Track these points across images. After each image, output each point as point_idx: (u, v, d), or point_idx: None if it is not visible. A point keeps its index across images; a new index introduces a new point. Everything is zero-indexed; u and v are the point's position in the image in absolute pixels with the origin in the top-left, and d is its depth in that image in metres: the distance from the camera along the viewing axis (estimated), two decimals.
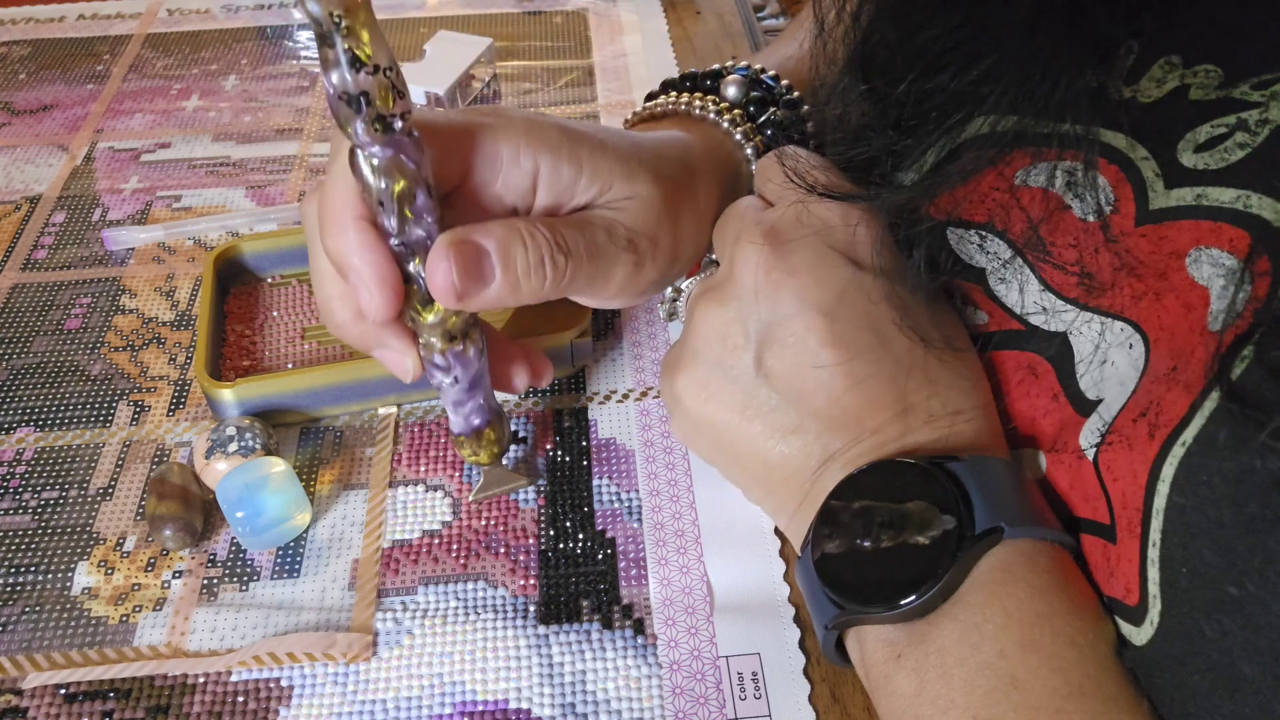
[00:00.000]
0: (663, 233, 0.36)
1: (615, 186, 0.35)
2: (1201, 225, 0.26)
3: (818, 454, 0.33)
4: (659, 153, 0.37)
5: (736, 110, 0.42)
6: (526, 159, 0.33)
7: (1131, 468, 0.27)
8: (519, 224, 0.33)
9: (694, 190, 0.38)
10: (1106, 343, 0.29)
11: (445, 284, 0.31)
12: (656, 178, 0.36)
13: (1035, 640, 0.27)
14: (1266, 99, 0.26)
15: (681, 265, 0.38)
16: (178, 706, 0.34)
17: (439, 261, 0.31)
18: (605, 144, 0.35)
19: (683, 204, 0.37)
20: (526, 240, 0.32)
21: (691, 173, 0.38)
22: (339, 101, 0.28)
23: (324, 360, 0.45)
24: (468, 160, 0.33)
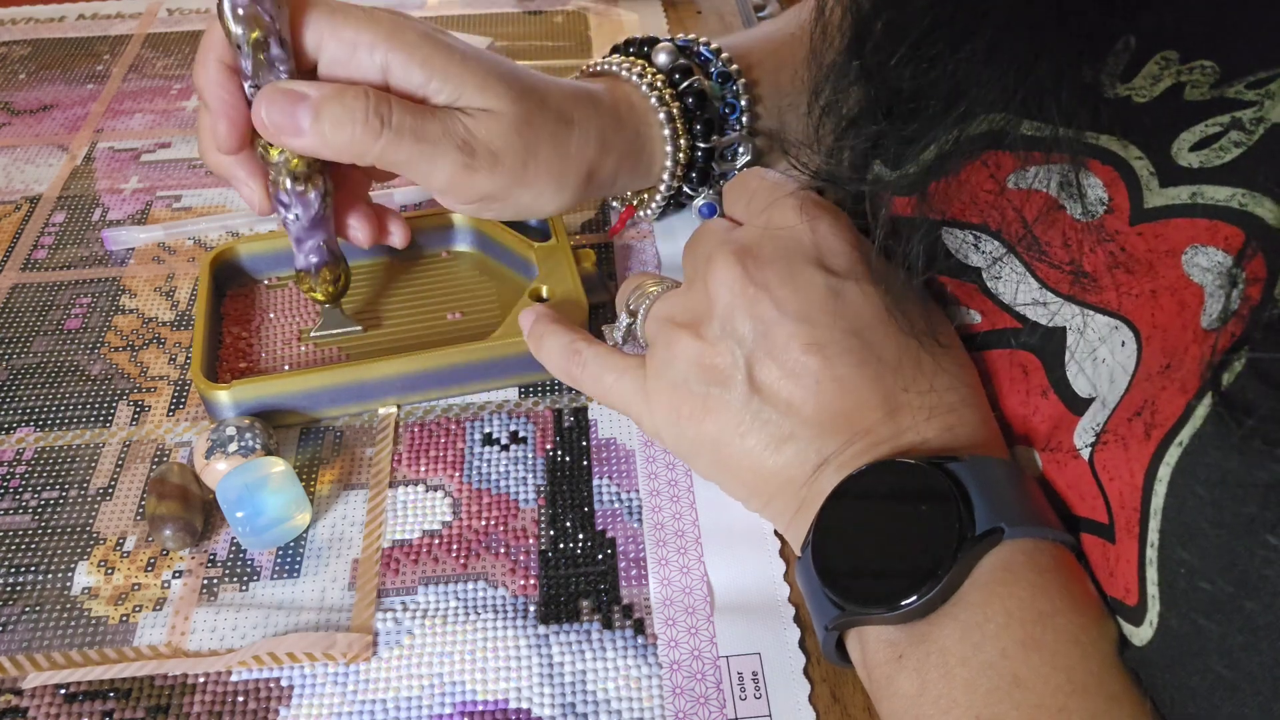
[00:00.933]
0: (509, 152, 0.39)
1: (466, 95, 0.38)
2: (1197, 224, 0.26)
3: (812, 459, 0.33)
4: (536, 83, 0.40)
5: (660, 75, 0.44)
6: (378, 53, 0.37)
7: (1128, 467, 0.27)
8: (348, 86, 0.37)
9: (566, 128, 0.41)
10: (1098, 338, 0.29)
11: (260, 121, 0.37)
12: (515, 98, 0.39)
13: (1037, 639, 0.27)
14: (1262, 98, 0.26)
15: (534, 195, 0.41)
16: (178, 706, 0.34)
17: (260, 100, 0.36)
18: (467, 56, 0.38)
19: (543, 135, 0.40)
20: (347, 99, 0.36)
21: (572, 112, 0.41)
22: None
23: (320, 362, 0.45)
24: (322, 37, 0.37)
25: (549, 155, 0.40)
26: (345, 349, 0.46)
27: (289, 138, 0.37)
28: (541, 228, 0.48)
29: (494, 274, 0.49)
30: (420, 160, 0.38)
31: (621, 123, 0.43)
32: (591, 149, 0.42)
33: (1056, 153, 0.29)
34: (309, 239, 0.41)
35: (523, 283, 0.47)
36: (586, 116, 0.41)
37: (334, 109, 0.36)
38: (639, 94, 0.43)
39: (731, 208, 0.38)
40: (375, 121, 0.36)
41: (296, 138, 0.37)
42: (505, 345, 0.43)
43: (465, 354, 0.43)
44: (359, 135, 0.37)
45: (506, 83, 0.39)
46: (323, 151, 0.37)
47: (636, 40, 0.46)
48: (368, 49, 0.37)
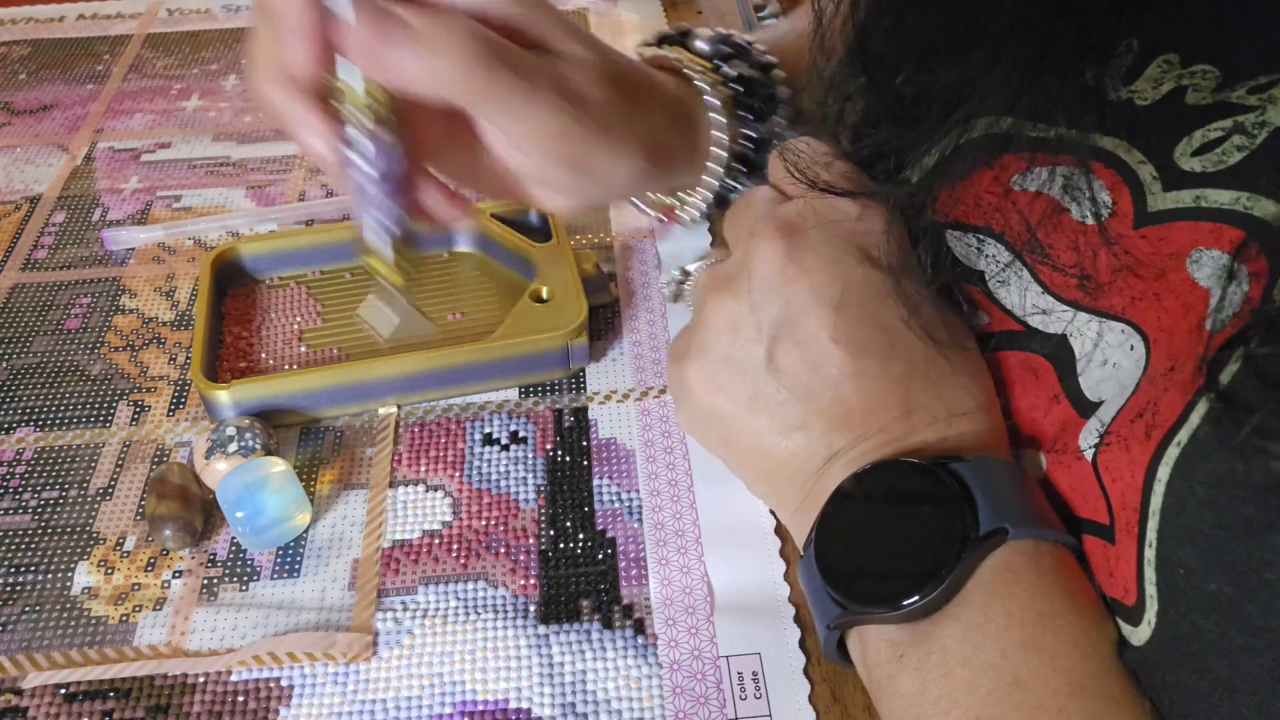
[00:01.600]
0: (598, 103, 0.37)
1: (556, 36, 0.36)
2: (1201, 227, 0.26)
3: (822, 451, 0.33)
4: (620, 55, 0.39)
5: (703, 62, 0.43)
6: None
7: (1129, 468, 0.27)
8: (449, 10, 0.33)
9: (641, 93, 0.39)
10: (1106, 344, 0.29)
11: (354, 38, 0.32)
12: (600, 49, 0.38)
13: (1038, 640, 0.27)
14: (1263, 102, 0.26)
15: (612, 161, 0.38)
16: (178, 706, 0.34)
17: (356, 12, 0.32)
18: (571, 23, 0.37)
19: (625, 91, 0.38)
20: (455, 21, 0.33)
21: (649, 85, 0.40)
22: None
23: (320, 362, 0.45)
24: None
25: (630, 115, 0.38)
26: (345, 349, 0.46)
27: (388, 63, 0.32)
28: (542, 227, 0.48)
29: (494, 274, 0.49)
30: (517, 99, 0.34)
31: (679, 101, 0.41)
32: (662, 117, 0.40)
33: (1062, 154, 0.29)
34: (387, 199, 0.35)
35: (523, 283, 0.47)
36: (655, 85, 0.40)
37: (440, 34, 0.32)
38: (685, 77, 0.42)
39: (779, 178, 0.37)
40: (484, 50, 0.33)
41: (397, 63, 0.32)
42: (505, 345, 0.43)
43: (465, 354, 0.43)
44: (468, 64, 0.33)
45: (600, 47, 0.37)
46: (421, 83, 0.33)
47: (667, 34, 0.45)
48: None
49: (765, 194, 0.36)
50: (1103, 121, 0.29)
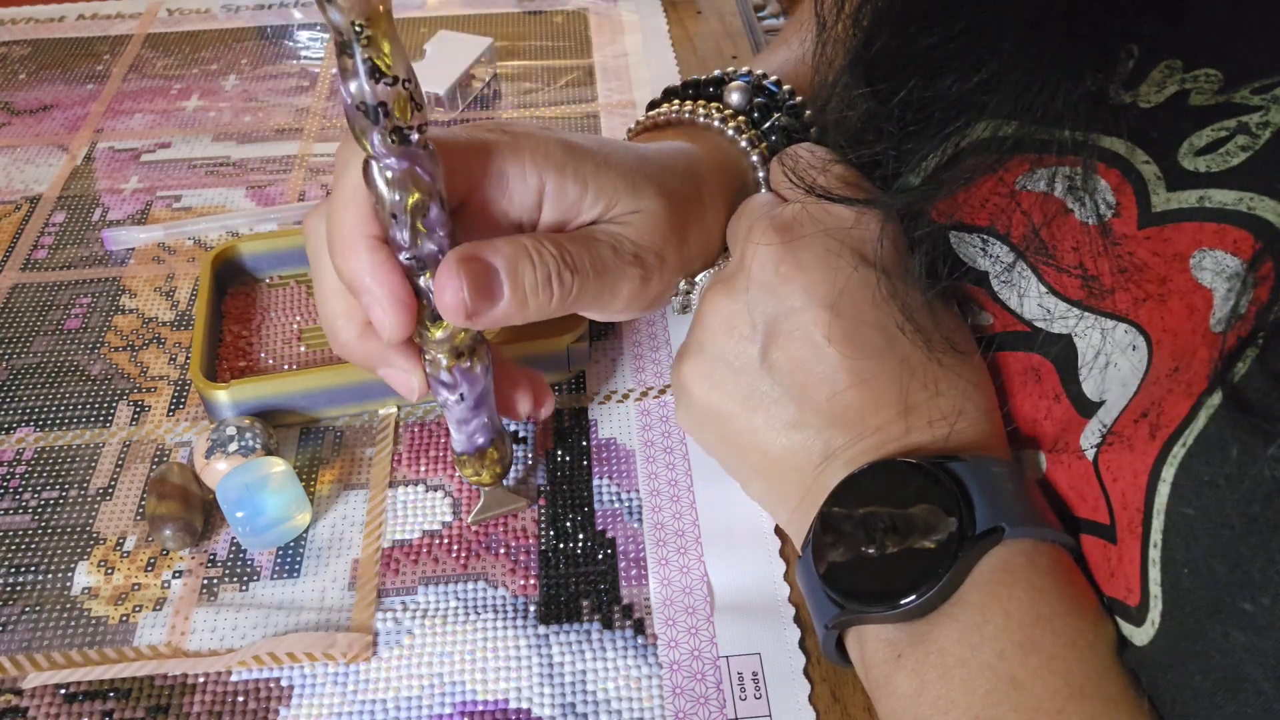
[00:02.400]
0: (669, 247, 0.36)
1: (621, 202, 0.35)
2: (1205, 227, 0.26)
3: (819, 450, 0.33)
4: (665, 165, 0.37)
5: (741, 117, 0.42)
6: (532, 176, 0.33)
7: (1132, 468, 0.27)
8: (526, 241, 0.33)
9: (700, 203, 0.38)
10: (1110, 345, 0.29)
11: (455, 302, 0.31)
12: (662, 191, 0.36)
13: (1036, 641, 0.27)
14: (1267, 102, 0.26)
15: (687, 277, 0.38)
16: (178, 706, 0.34)
17: (449, 279, 0.31)
18: (610, 159, 0.35)
19: (690, 217, 0.37)
20: (534, 258, 0.32)
21: (699, 185, 0.38)
22: (356, 112, 0.28)
23: (320, 362, 0.45)
24: (475, 178, 0.33)
25: (698, 234, 0.38)
26: None
27: (483, 314, 0.32)
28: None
29: None
30: (604, 292, 0.35)
31: (727, 176, 0.41)
32: (724, 211, 0.39)
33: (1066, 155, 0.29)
34: (474, 419, 0.36)
35: None
36: (707, 181, 0.39)
37: (529, 271, 0.32)
38: (727, 140, 0.41)
39: (779, 182, 0.37)
40: (568, 274, 0.33)
41: (491, 311, 0.32)
42: (506, 348, 0.43)
43: None
44: (556, 292, 0.33)
45: (647, 177, 0.36)
46: (514, 320, 0.33)
47: (697, 82, 0.44)
48: (520, 176, 0.33)
49: (764, 198, 0.37)
50: (1106, 123, 0.29)
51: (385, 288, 0.31)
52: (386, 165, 0.29)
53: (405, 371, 0.34)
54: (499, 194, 0.33)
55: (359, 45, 0.27)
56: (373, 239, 0.31)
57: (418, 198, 0.30)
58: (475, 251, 0.32)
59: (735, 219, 0.37)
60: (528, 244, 0.33)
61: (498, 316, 0.32)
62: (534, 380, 0.39)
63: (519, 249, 0.32)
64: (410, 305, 0.32)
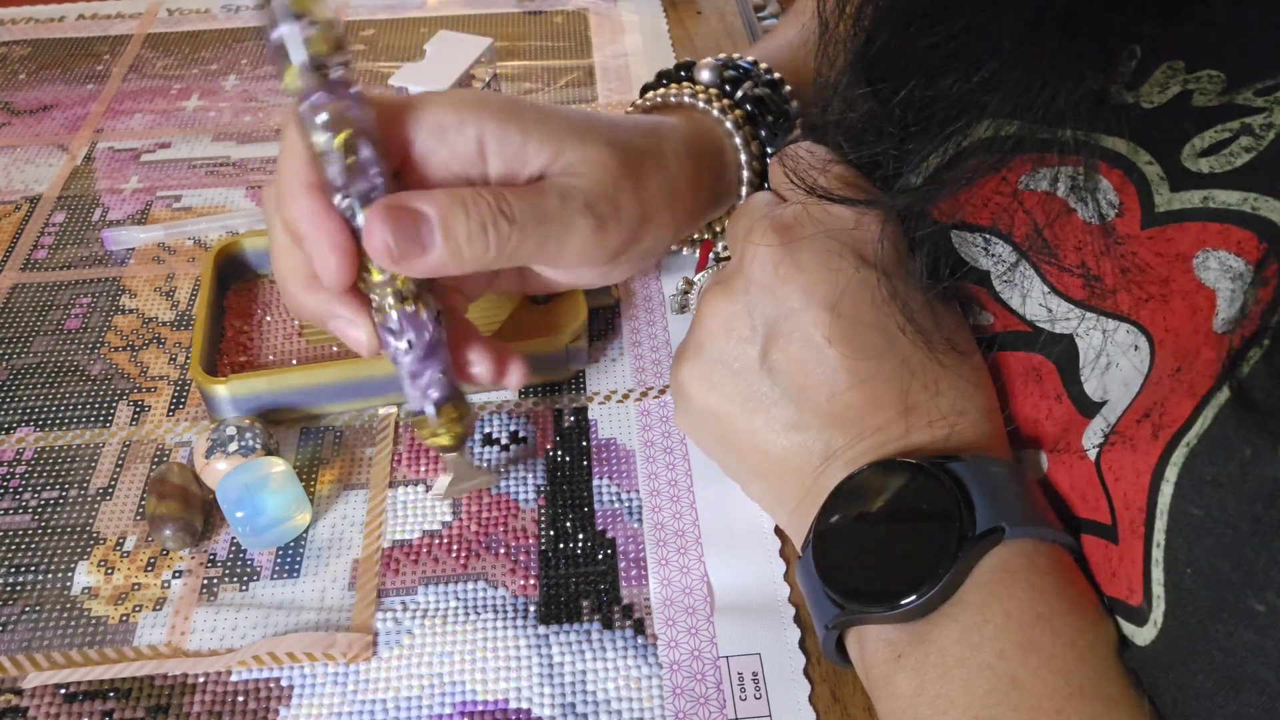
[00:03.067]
0: (624, 195, 0.36)
1: (567, 151, 0.35)
2: (1208, 227, 0.26)
3: (819, 450, 0.33)
4: (616, 123, 0.38)
5: (711, 90, 0.42)
6: (470, 126, 0.34)
7: (1134, 468, 0.27)
8: (463, 191, 0.33)
9: (661, 156, 0.38)
10: (1112, 345, 0.29)
11: (380, 246, 0.32)
12: (611, 141, 0.36)
13: (1035, 641, 0.27)
14: (1271, 104, 0.26)
15: (656, 232, 0.38)
16: (178, 706, 0.34)
17: (374, 225, 0.32)
18: (553, 112, 0.36)
19: (646, 168, 0.37)
20: (469, 206, 0.33)
21: (659, 141, 0.38)
22: (278, 53, 0.30)
23: (320, 358, 0.45)
24: (408, 132, 0.33)
25: (659, 183, 0.37)
26: (344, 346, 0.46)
27: (413, 260, 0.32)
28: None
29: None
30: (550, 241, 0.35)
31: (700, 140, 0.41)
32: (688, 165, 0.39)
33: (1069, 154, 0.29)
34: (425, 370, 0.35)
35: None
36: (669, 138, 0.39)
37: (460, 219, 0.32)
38: (699, 110, 0.42)
39: (778, 182, 0.37)
40: (503, 222, 0.33)
41: (422, 259, 0.32)
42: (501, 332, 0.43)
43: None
44: (491, 241, 0.33)
45: (596, 128, 0.36)
46: (448, 268, 0.33)
47: (668, 71, 0.45)
48: (458, 127, 0.33)
49: (764, 198, 0.37)
50: (1109, 123, 0.29)
51: (322, 231, 0.32)
52: (313, 104, 0.31)
53: (351, 324, 0.34)
54: (437, 145, 0.34)
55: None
56: (311, 186, 0.32)
57: (347, 134, 0.31)
58: (406, 200, 0.32)
59: (734, 220, 0.37)
60: (464, 193, 0.33)
61: (431, 264, 0.33)
62: (496, 346, 0.38)
63: (453, 198, 0.33)
64: (349, 250, 0.32)
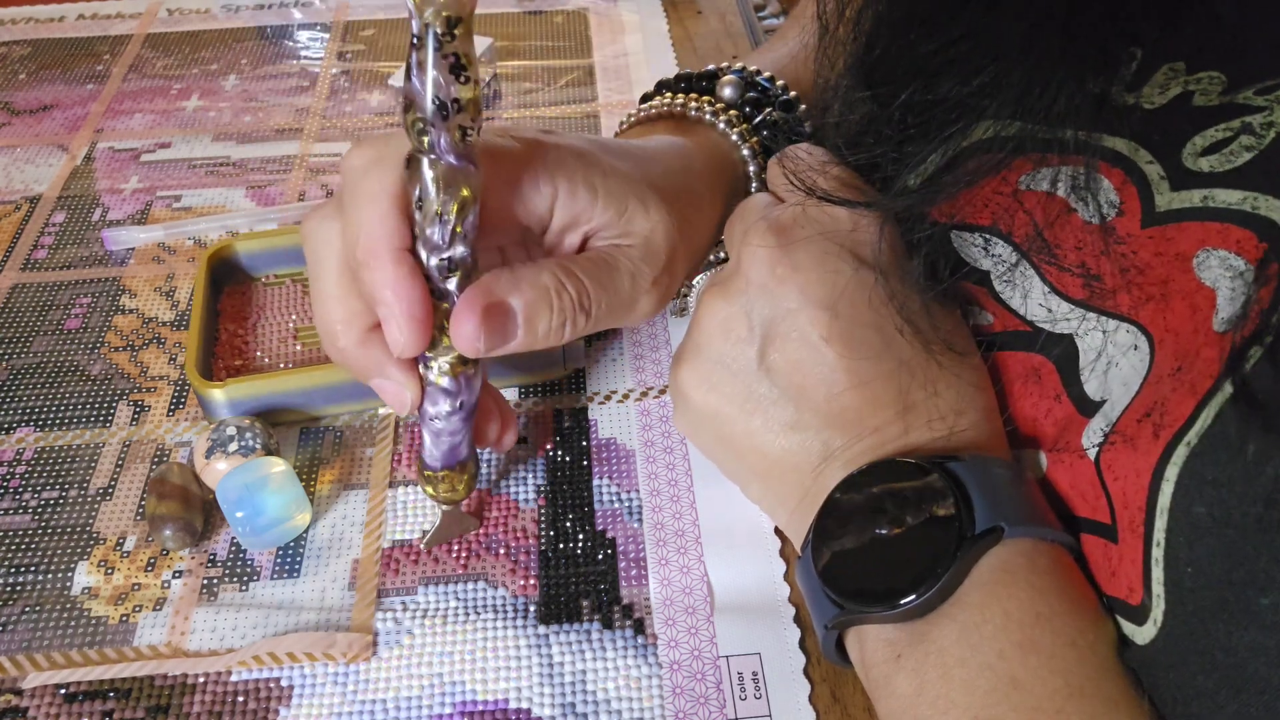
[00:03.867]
0: (679, 257, 0.37)
1: (630, 209, 0.35)
2: (1209, 227, 0.26)
3: (818, 451, 0.33)
4: (665, 168, 0.38)
5: (732, 111, 0.42)
6: (546, 185, 0.34)
7: (1134, 467, 0.27)
8: (549, 282, 0.33)
9: (699, 199, 0.38)
10: (1112, 345, 0.29)
11: (468, 340, 0.31)
12: (665, 198, 0.36)
13: (1035, 641, 0.27)
14: (1271, 103, 0.26)
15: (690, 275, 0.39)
16: (178, 706, 0.34)
17: (465, 317, 0.31)
18: (616, 168, 0.35)
19: (691, 219, 0.38)
20: (554, 303, 0.33)
21: (694, 180, 0.39)
22: (432, 106, 0.28)
23: (316, 360, 0.45)
24: (491, 185, 0.33)
25: (699, 234, 0.38)
26: None
27: (492, 351, 0.32)
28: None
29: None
30: (620, 318, 0.36)
31: (719, 170, 0.41)
32: (717, 206, 0.40)
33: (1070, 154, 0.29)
34: (462, 431, 0.35)
35: None
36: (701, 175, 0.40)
37: (544, 316, 0.33)
38: (718, 134, 0.42)
39: (775, 184, 0.38)
40: (581, 316, 0.34)
41: (501, 348, 0.32)
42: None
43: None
44: (567, 332, 0.34)
45: (650, 184, 0.36)
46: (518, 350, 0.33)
47: (689, 75, 0.45)
48: (534, 185, 0.33)
49: (761, 199, 0.37)
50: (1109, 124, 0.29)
51: (407, 303, 0.31)
52: (446, 162, 0.29)
53: (401, 384, 0.33)
54: (513, 201, 0.33)
55: (446, 40, 0.27)
56: (399, 251, 0.31)
57: (466, 195, 0.30)
58: (497, 293, 0.32)
59: (732, 222, 0.37)
60: (550, 286, 0.33)
61: (506, 350, 0.33)
62: (500, 404, 0.38)
63: (540, 294, 0.32)
64: (427, 323, 0.31)
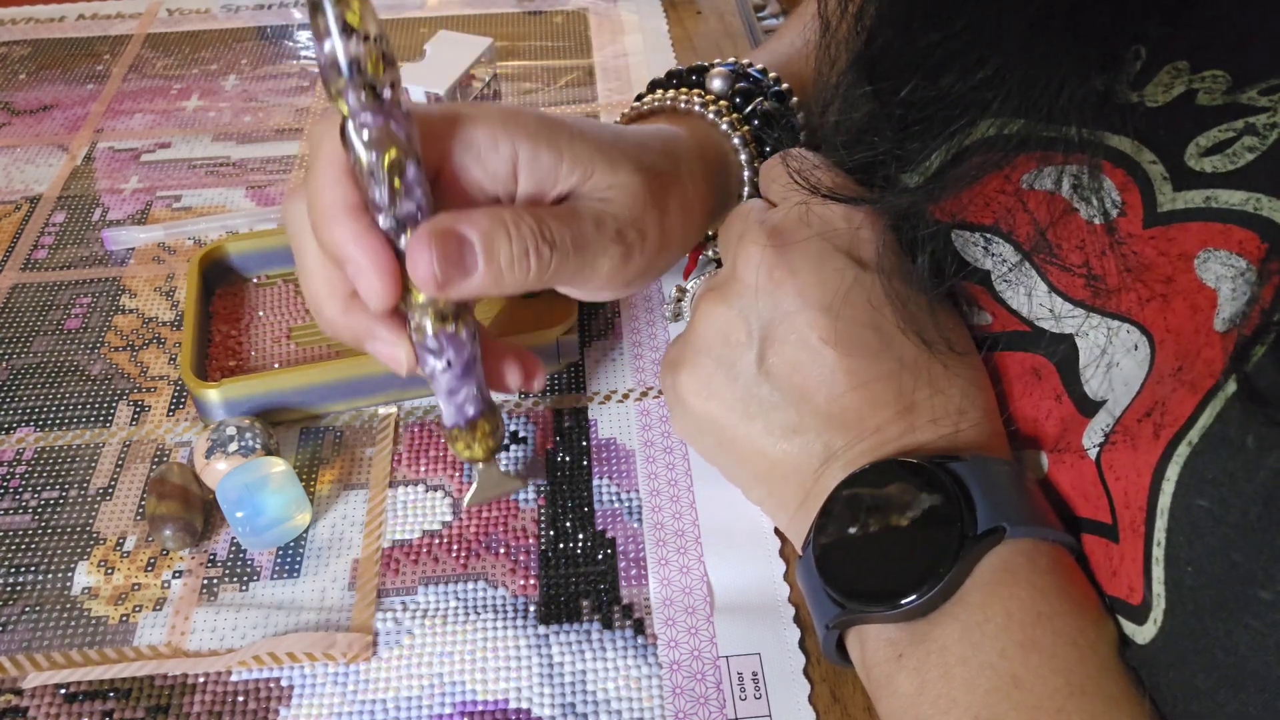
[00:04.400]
0: (650, 222, 0.36)
1: (597, 173, 0.35)
2: (1210, 227, 0.26)
3: (819, 452, 0.33)
4: (641, 143, 0.38)
5: (722, 102, 0.42)
6: (504, 145, 0.34)
7: (1135, 467, 0.27)
8: (505, 214, 0.33)
9: (679, 180, 0.38)
10: (1112, 344, 0.29)
11: (426, 273, 0.31)
12: (639, 166, 0.36)
13: (1036, 640, 0.27)
14: (1275, 104, 0.26)
15: (670, 255, 0.38)
16: (178, 706, 0.34)
17: (420, 250, 0.31)
18: (584, 132, 0.35)
19: (669, 193, 0.37)
20: (511, 231, 0.33)
21: (676, 162, 0.38)
22: (331, 70, 0.29)
23: (310, 360, 0.45)
24: (446, 147, 0.33)
25: (677, 208, 0.38)
26: (334, 346, 0.46)
27: (456, 285, 0.32)
28: None
29: None
30: (584, 268, 0.35)
31: (707, 157, 0.41)
32: (701, 190, 0.40)
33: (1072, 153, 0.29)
34: (463, 387, 0.35)
35: None
36: (685, 159, 0.39)
37: (504, 245, 0.32)
38: (707, 123, 0.42)
39: (768, 188, 0.38)
40: (545, 247, 0.33)
41: (465, 283, 0.32)
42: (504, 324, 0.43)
43: None
44: (532, 265, 0.33)
45: (622, 150, 0.36)
46: (490, 292, 0.33)
47: (680, 71, 0.45)
48: (493, 146, 0.33)
49: (755, 204, 0.37)
50: (1113, 122, 0.29)
51: (368, 255, 0.31)
52: (362, 123, 0.30)
53: (391, 344, 0.34)
54: (472, 162, 0.33)
55: (330, 3, 0.28)
56: (353, 207, 0.31)
57: (394, 154, 0.30)
58: (450, 223, 0.32)
59: (727, 225, 0.37)
60: (506, 216, 0.33)
61: (472, 288, 0.32)
62: (521, 354, 0.38)
63: (496, 221, 0.32)
64: (394, 272, 0.32)
